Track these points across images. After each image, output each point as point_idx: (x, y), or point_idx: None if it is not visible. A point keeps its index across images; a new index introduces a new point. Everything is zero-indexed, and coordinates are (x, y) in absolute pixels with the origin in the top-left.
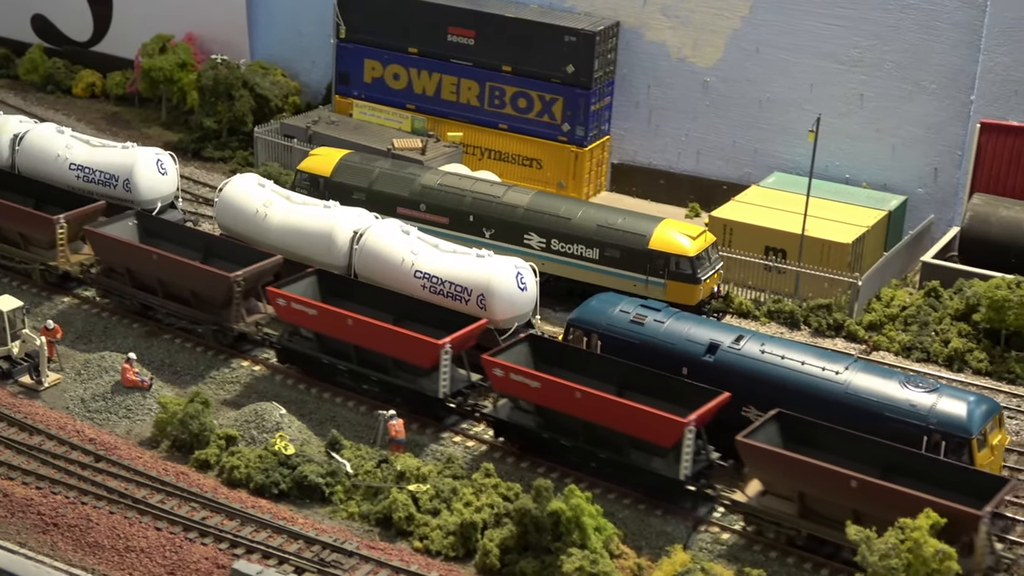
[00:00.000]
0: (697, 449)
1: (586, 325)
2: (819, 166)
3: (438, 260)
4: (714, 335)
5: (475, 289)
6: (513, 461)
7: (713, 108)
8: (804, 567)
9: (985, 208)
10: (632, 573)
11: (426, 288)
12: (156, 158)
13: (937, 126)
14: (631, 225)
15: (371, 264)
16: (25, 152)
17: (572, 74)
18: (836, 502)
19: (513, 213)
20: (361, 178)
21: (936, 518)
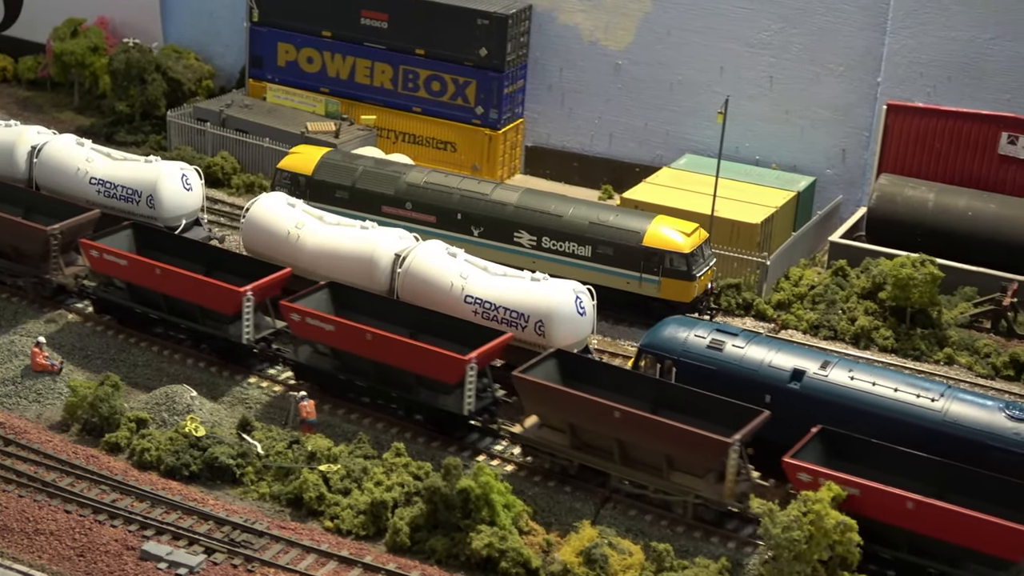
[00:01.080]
0: (482, 387)
1: (660, 351)
2: (730, 148)
3: (490, 284)
4: (798, 361)
5: (533, 315)
6: (424, 440)
7: (625, 91)
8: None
9: (891, 188)
10: (541, 549)
11: (478, 314)
12: (181, 173)
13: (845, 108)
14: (624, 222)
15: (417, 289)
16: (44, 165)
17: (485, 57)
18: (602, 433)
19: (502, 211)
20: (344, 176)
21: (837, 491)
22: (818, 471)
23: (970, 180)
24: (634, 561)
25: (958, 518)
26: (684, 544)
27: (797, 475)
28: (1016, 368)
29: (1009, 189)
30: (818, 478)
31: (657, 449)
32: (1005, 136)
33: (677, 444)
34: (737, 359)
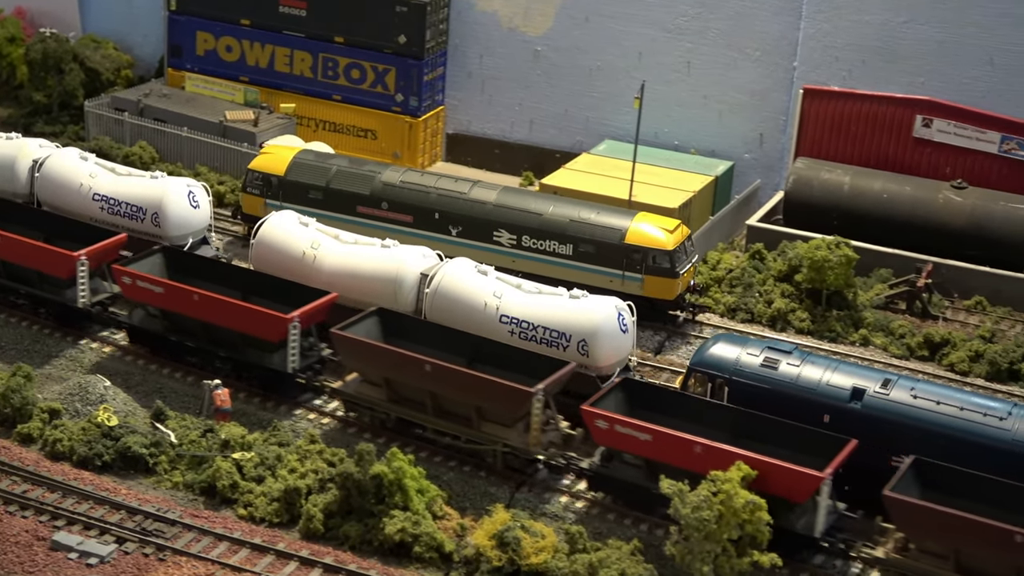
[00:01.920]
0: (308, 345)
1: (711, 370)
2: (649, 133)
3: (526, 302)
4: (856, 379)
5: (575, 335)
6: (339, 427)
7: (545, 77)
8: (624, 523)
9: (807, 172)
10: (455, 533)
11: (514, 334)
12: (188, 190)
13: (762, 92)
14: (606, 220)
15: (447, 308)
16: (46, 180)
17: (404, 44)
18: (416, 386)
19: (481, 209)
20: (318, 176)
21: (747, 470)
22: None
23: (885, 163)
24: (546, 543)
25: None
26: (597, 526)
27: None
28: (930, 348)
29: (924, 171)
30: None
31: (467, 400)
32: (919, 119)
33: (485, 395)
34: (793, 378)
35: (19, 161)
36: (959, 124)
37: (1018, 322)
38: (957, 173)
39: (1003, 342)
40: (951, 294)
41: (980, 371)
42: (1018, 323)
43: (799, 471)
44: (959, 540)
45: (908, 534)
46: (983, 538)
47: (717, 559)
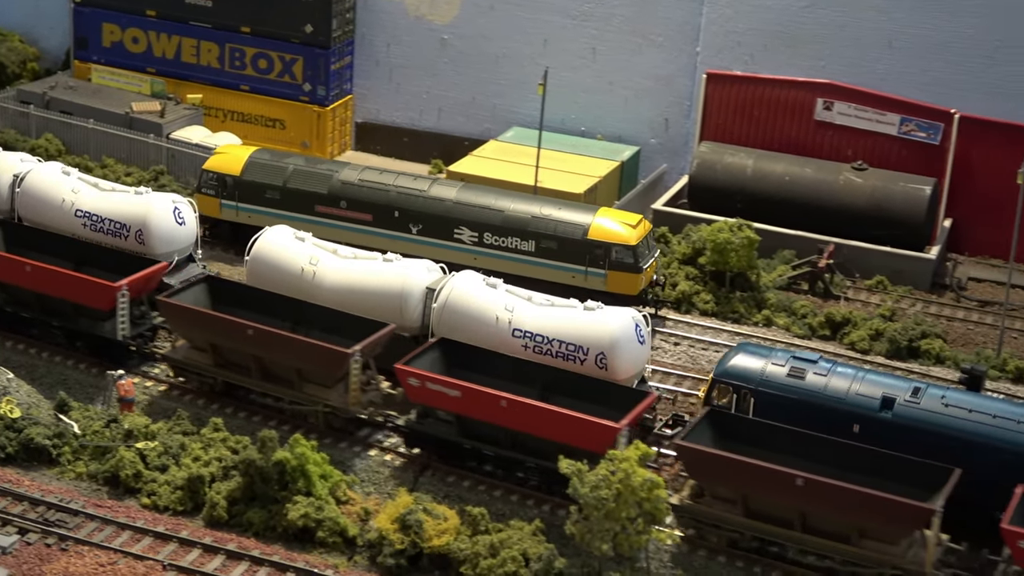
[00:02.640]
0: (140, 314)
1: (737, 381)
2: (556, 120)
3: (539, 315)
4: (886, 388)
5: (593, 348)
6: (245, 415)
7: (452, 65)
8: (527, 503)
9: (711, 156)
10: (359, 518)
11: (528, 348)
12: (173, 206)
13: (666, 78)
14: (568, 216)
15: (457, 323)
16: (27, 195)
17: (311, 34)
18: (240, 350)
19: (441, 207)
20: (274, 176)
21: (645, 449)
22: (426, 375)
23: (788, 146)
24: (449, 526)
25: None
26: (500, 508)
27: (408, 380)
28: (832, 327)
29: (825, 154)
30: (426, 382)
31: (289, 363)
32: (820, 102)
33: (305, 357)
34: (821, 388)
35: (0, 177)
36: (859, 107)
37: (918, 300)
38: (858, 155)
39: (903, 320)
40: (852, 274)
41: (880, 349)
42: (918, 301)
43: (596, 422)
44: (746, 485)
45: (699, 481)
46: (767, 483)
47: (616, 537)
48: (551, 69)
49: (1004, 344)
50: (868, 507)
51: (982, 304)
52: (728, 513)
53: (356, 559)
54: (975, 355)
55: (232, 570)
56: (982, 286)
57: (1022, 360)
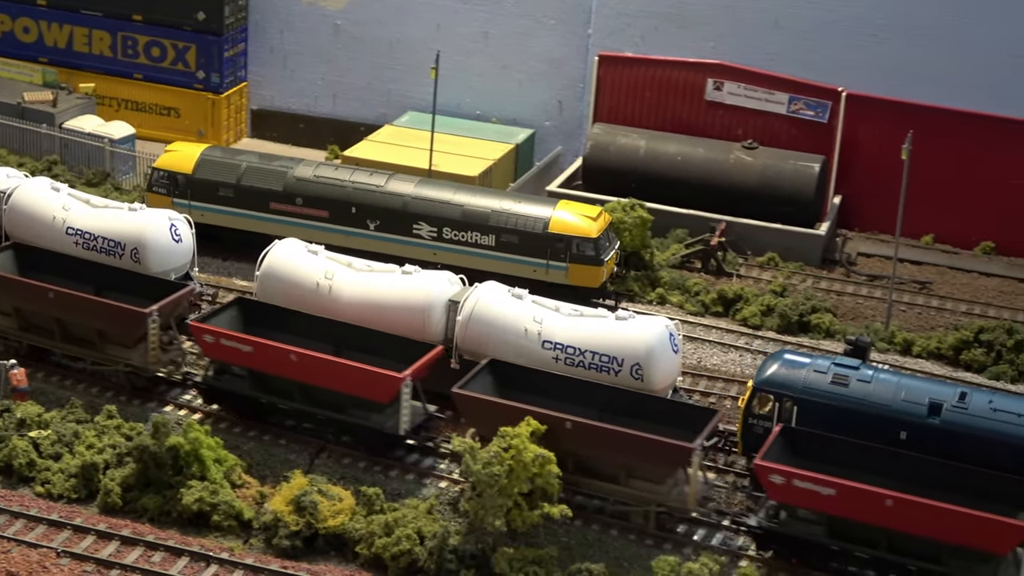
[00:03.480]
0: None
1: (779, 390)
2: (451, 103)
3: (569, 326)
4: (932, 393)
5: (628, 359)
6: (139, 403)
7: (346, 51)
8: (423, 483)
9: (604, 137)
10: (255, 501)
11: (559, 360)
12: (170, 223)
13: (559, 60)
14: (528, 209)
15: (484, 336)
16: (15, 212)
17: (203, 21)
18: (44, 313)
19: (399, 202)
20: (227, 174)
21: (536, 425)
22: (219, 332)
23: (680, 126)
24: (344, 506)
25: None
26: (396, 487)
27: (203, 338)
28: (724, 304)
29: (717, 133)
30: (220, 339)
31: (90, 325)
32: (711, 83)
33: (105, 319)
34: (865, 395)
35: None
36: (749, 86)
37: (809, 276)
38: (748, 134)
39: (793, 296)
40: (744, 251)
41: (772, 325)
42: (809, 277)
43: (381, 373)
44: None
45: (478, 428)
46: None
47: (509, 513)
48: (445, 53)
49: (892, 317)
50: (632, 447)
51: (871, 279)
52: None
53: (252, 542)
54: (864, 328)
55: (126, 555)
56: (871, 261)
57: (909, 332)
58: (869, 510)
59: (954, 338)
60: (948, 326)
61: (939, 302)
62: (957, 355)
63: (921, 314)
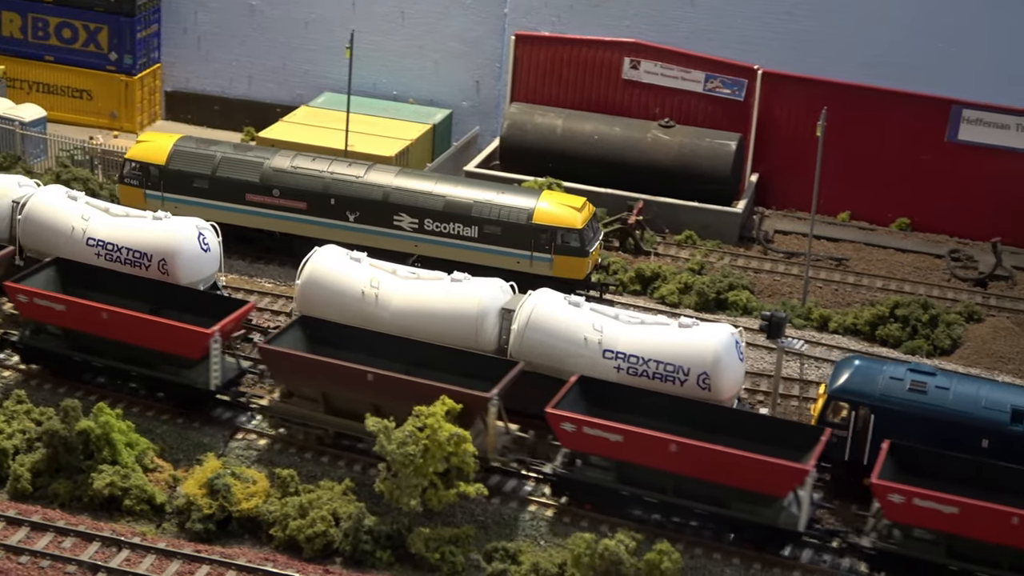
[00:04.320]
0: None
1: (855, 397)
2: (367, 84)
3: (631, 335)
4: (1014, 400)
5: (695, 368)
6: (50, 388)
7: (261, 31)
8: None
9: (521, 116)
10: (168, 485)
11: (622, 370)
12: (198, 232)
13: (475, 40)
14: (511, 200)
15: (542, 345)
16: (31, 222)
17: (115, 2)
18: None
19: (379, 193)
20: (202, 165)
21: (452, 404)
22: (33, 291)
23: (598, 105)
24: (258, 489)
25: None
26: (311, 469)
27: (17, 297)
28: (642, 282)
29: (634, 112)
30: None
31: None
32: (627, 61)
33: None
34: (945, 402)
35: None
36: (665, 65)
37: (726, 254)
38: (665, 112)
39: (711, 273)
40: (662, 230)
41: (689, 302)
42: (726, 255)
43: (189, 329)
44: (325, 383)
45: (284, 382)
46: (343, 379)
47: (425, 492)
48: (360, 33)
49: (809, 293)
50: (428, 396)
51: (788, 255)
52: (312, 411)
53: (164, 526)
54: (781, 305)
55: (37, 541)
56: (788, 238)
57: (826, 308)
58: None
59: (870, 313)
60: (864, 302)
61: (855, 278)
62: (873, 330)
63: (838, 290)
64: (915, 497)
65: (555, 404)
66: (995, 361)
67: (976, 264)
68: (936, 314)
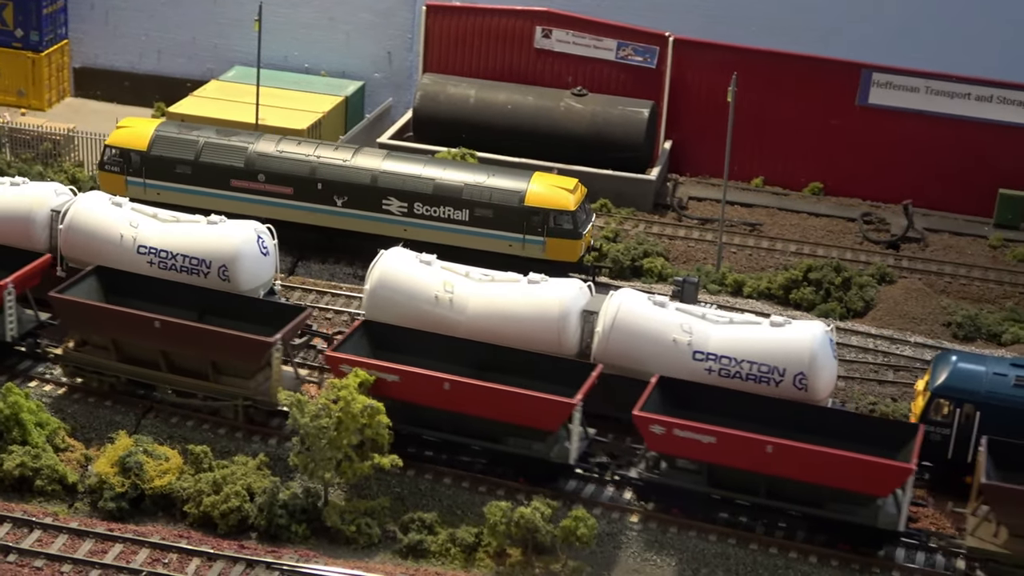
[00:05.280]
0: None
1: (960, 395)
2: (278, 57)
3: (723, 335)
4: None
5: (790, 368)
6: None
7: (170, 5)
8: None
9: (433, 87)
10: (80, 464)
11: (713, 372)
12: (256, 235)
13: (386, 11)
14: (502, 182)
15: (631, 347)
16: (75, 232)
17: None
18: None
19: (366, 177)
20: (185, 150)
21: (364, 376)
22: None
23: (509, 75)
24: (171, 466)
25: None
26: (225, 445)
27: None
28: None
29: (547, 81)
30: None
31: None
32: (539, 30)
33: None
34: None
35: (35, 211)
36: (577, 33)
37: (641, 221)
38: (578, 81)
39: (626, 241)
40: None
41: (604, 270)
42: (641, 222)
43: None
44: (115, 332)
45: (77, 331)
46: (131, 328)
47: (340, 465)
48: (269, 6)
49: (723, 259)
50: (213, 342)
51: (702, 222)
52: (105, 359)
53: (77, 506)
54: (695, 270)
55: None
56: (702, 205)
57: (740, 273)
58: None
59: (783, 278)
60: (778, 266)
61: (769, 243)
62: (787, 294)
63: (752, 255)
64: (675, 428)
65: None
66: (907, 322)
67: (888, 227)
68: (848, 277)
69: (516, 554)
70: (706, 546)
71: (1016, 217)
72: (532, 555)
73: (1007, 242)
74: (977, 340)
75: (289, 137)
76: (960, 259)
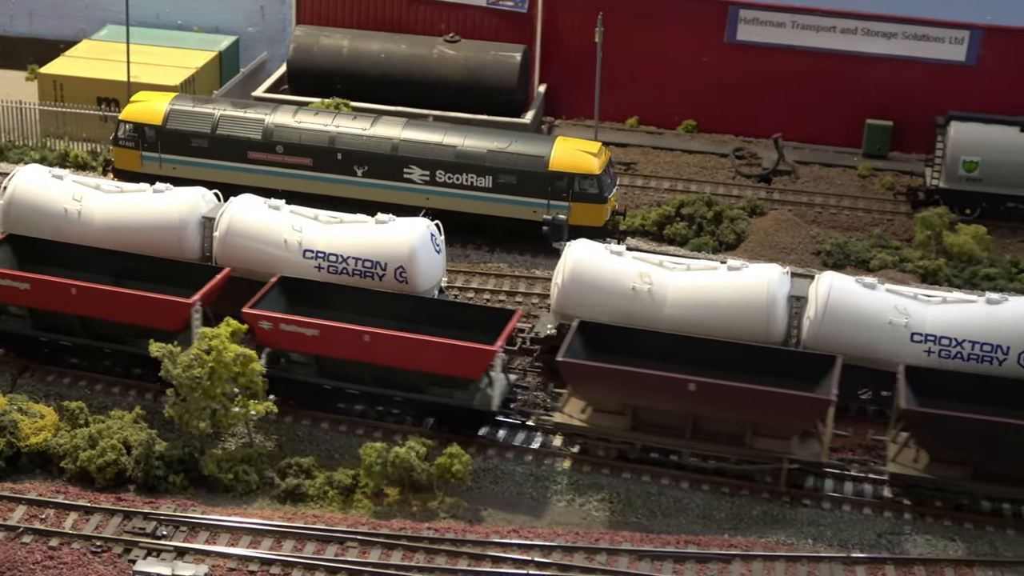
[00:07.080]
0: None
1: None
2: (150, 15)
3: (941, 314)
4: None
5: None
6: None
7: None
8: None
9: (306, 39)
10: None
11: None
12: (429, 232)
13: None
14: (526, 148)
15: (847, 336)
16: (234, 240)
17: None
18: None
19: (387, 146)
20: (201, 123)
21: (236, 325)
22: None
23: (383, 24)
24: (47, 423)
25: None
26: (102, 400)
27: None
28: None
29: (420, 29)
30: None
31: None
32: None
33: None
34: None
35: (186, 220)
36: None
37: None
38: (451, 28)
39: None
40: None
41: None
42: None
43: None
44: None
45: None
46: None
47: (215, 415)
48: None
49: None
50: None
51: None
52: None
53: None
54: None
55: None
56: None
57: None
58: None
59: (657, 214)
60: (652, 203)
61: (643, 181)
62: (661, 230)
63: (627, 194)
64: (281, 323)
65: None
66: (778, 252)
67: (760, 161)
68: (720, 210)
69: (394, 494)
70: (634, 486)
71: (884, 147)
72: (409, 494)
73: (875, 171)
74: (846, 267)
75: (307, 108)
76: (830, 189)
